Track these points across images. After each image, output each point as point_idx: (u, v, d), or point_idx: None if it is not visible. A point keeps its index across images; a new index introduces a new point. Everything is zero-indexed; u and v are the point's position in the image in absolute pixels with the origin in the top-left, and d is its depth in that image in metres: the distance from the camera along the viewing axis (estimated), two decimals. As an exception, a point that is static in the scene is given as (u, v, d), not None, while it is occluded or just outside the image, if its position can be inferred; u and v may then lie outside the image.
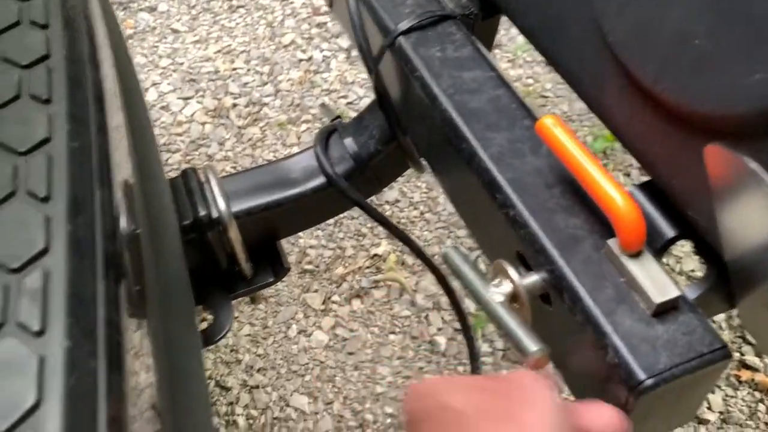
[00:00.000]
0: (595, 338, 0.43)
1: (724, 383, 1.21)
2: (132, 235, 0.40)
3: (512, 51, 1.86)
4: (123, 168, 0.46)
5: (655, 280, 0.44)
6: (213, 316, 0.75)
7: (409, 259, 1.47)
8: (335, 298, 1.41)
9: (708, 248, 0.45)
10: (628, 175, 1.57)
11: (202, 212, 0.72)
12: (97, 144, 0.40)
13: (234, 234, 0.73)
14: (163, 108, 1.79)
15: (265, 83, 1.84)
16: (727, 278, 0.45)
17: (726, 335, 1.31)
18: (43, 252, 0.33)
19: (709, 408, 1.18)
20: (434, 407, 0.38)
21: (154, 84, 1.84)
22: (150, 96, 1.81)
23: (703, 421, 1.17)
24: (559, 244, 0.47)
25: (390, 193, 1.62)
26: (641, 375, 0.41)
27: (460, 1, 0.69)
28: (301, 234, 1.52)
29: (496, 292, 0.48)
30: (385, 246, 1.50)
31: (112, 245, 0.36)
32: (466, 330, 0.78)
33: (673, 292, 0.43)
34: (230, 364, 1.32)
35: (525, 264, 0.50)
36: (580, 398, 0.50)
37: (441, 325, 1.35)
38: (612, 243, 0.46)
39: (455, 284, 0.83)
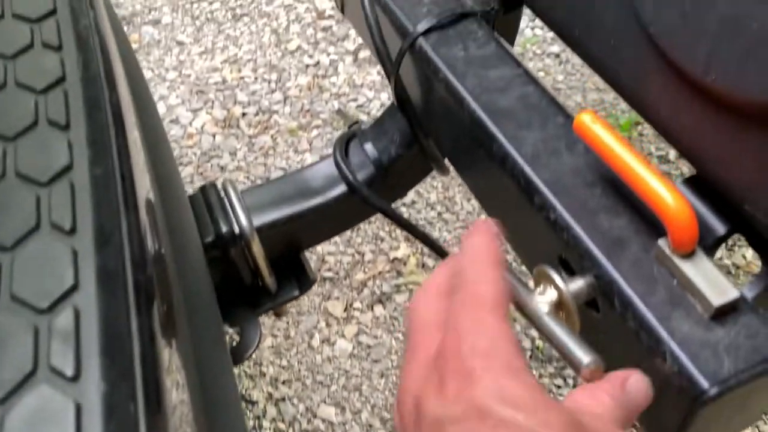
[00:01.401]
0: (650, 346, 0.41)
1: None
2: (159, 259, 0.38)
3: (521, 44, 1.83)
4: (145, 189, 0.44)
5: (712, 281, 0.41)
6: (239, 333, 0.74)
7: (430, 261, 1.45)
8: (357, 304, 1.39)
9: (765, 243, 0.43)
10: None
11: (224, 228, 0.71)
12: (119, 168, 0.38)
13: (257, 249, 0.72)
14: (172, 121, 1.78)
15: (274, 90, 1.82)
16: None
17: None
18: (73, 288, 0.31)
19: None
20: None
21: (162, 97, 1.83)
22: (159, 110, 1.80)
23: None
24: (605, 246, 0.45)
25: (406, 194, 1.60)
26: (705, 383, 0.39)
27: (480, -5, 0.67)
28: (318, 241, 1.50)
29: (541, 302, 0.45)
30: (404, 249, 1.48)
31: (142, 274, 0.34)
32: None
33: (732, 293, 0.41)
34: (254, 378, 1.30)
35: (568, 269, 0.48)
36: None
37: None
38: (662, 243, 0.43)
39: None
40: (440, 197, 1.56)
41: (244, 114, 1.78)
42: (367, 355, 1.30)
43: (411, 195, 1.59)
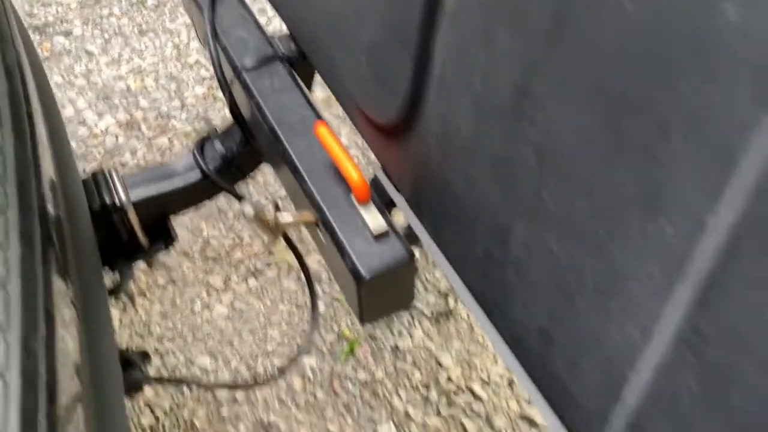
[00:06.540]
0: (341, 253, 0.74)
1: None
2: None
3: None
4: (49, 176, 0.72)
5: (376, 220, 0.74)
6: (119, 275, 1.02)
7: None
8: (234, 278, 1.69)
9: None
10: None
11: (108, 201, 0.99)
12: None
13: (132, 216, 1.01)
14: (80, 123, 2.02)
15: (173, 98, 2.09)
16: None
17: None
18: None
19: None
20: None
21: (70, 101, 2.07)
22: (67, 112, 2.03)
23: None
24: (326, 199, 0.78)
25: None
26: (364, 273, 0.72)
27: (290, 45, 0.99)
28: (203, 227, 1.79)
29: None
30: (276, 234, 1.78)
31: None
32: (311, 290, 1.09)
33: (384, 227, 0.74)
34: (143, 336, 1.57)
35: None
36: (342, 286, 0.80)
37: (321, 294, 1.65)
38: (353, 197, 0.76)
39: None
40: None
41: (144, 118, 2.04)
42: (240, 317, 1.60)
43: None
